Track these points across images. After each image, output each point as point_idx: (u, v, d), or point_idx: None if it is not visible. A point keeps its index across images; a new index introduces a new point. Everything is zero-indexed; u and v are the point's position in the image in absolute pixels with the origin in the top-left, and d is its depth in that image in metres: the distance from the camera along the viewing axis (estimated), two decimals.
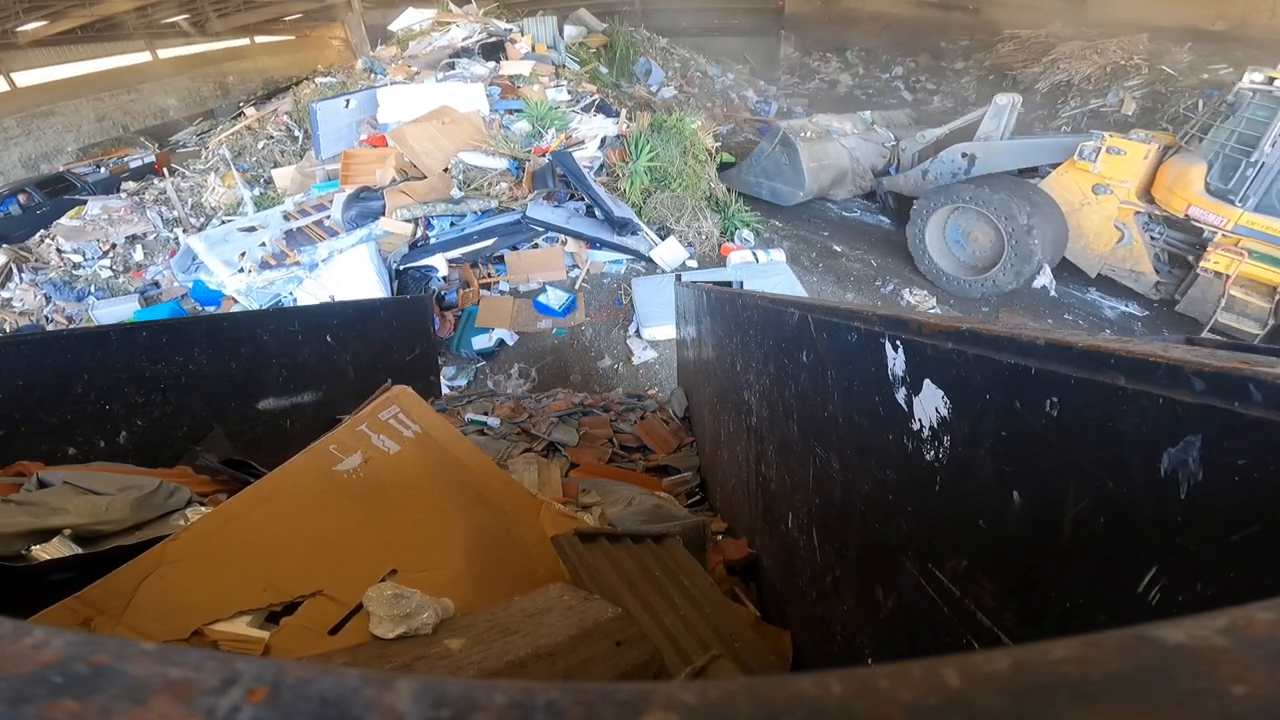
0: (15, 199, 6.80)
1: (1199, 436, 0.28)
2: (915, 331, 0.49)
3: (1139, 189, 4.00)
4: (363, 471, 0.91)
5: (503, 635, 0.64)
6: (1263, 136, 3.28)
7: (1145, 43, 7.58)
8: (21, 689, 0.12)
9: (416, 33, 7.98)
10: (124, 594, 0.71)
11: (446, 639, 0.63)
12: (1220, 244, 3.56)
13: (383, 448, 0.95)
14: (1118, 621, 0.25)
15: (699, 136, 5.41)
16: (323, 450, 0.90)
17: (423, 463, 0.98)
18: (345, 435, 0.94)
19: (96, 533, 0.88)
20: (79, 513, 0.88)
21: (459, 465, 1.02)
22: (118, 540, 0.88)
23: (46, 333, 2.55)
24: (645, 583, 0.87)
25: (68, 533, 0.85)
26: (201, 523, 0.83)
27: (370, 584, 0.78)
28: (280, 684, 0.12)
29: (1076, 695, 0.11)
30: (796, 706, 0.12)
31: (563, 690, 0.12)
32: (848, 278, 5.04)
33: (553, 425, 2.28)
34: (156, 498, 0.96)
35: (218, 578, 0.77)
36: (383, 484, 0.93)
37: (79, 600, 0.70)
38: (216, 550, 0.78)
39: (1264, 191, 3.37)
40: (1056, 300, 4.62)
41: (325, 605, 0.78)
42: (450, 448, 1.02)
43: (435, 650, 0.61)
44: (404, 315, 2.62)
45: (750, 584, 1.07)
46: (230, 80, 13.89)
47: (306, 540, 0.83)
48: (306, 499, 0.86)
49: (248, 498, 0.85)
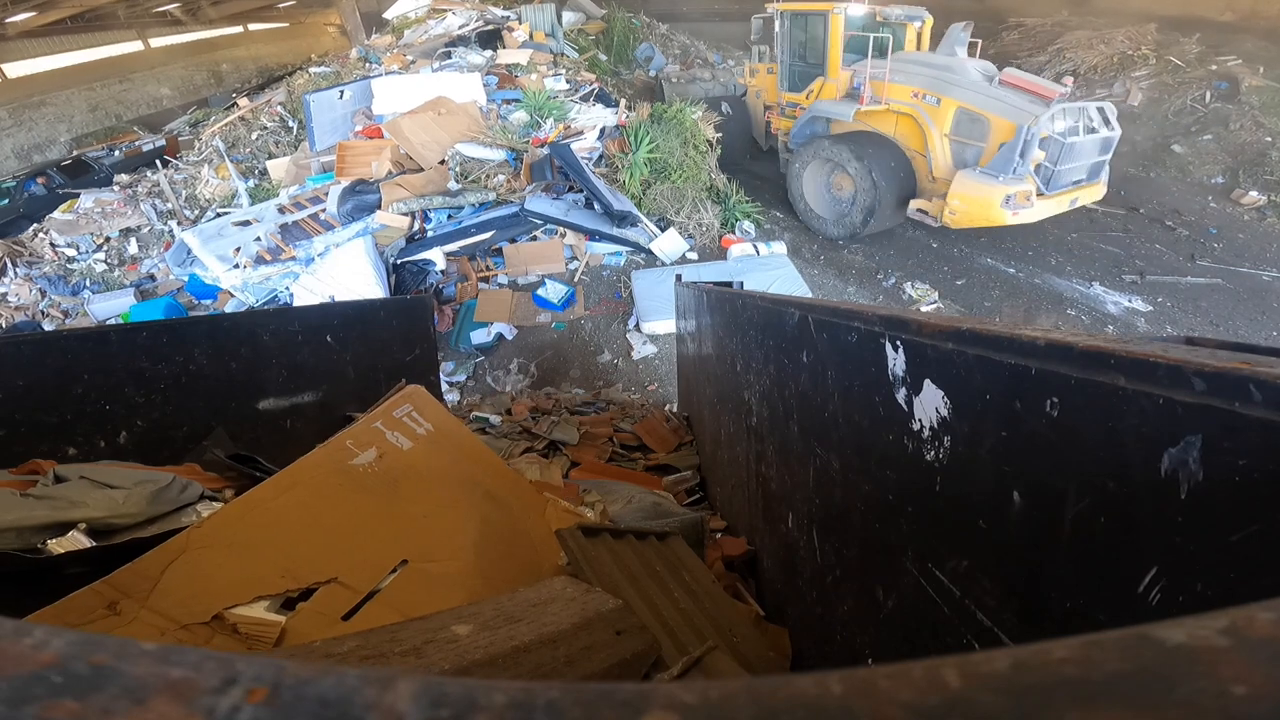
0: (35, 181, 7.07)
1: (1199, 436, 0.28)
2: (915, 331, 0.48)
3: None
4: (377, 466, 0.95)
5: (508, 623, 0.65)
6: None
7: (1153, 33, 7.48)
8: (21, 689, 0.12)
9: (412, 20, 7.84)
10: (150, 578, 0.73)
11: (455, 625, 0.64)
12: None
13: (396, 444, 0.98)
14: (1118, 621, 0.25)
15: (699, 127, 5.35)
16: (339, 445, 0.94)
17: (434, 459, 1.01)
18: (361, 431, 0.97)
19: (112, 526, 0.90)
20: (97, 506, 0.90)
21: (469, 462, 1.06)
22: (134, 533, 0.89)
23: (47, 333, 2.55)
24: (646, 577, 0.89)
25: (83, 527, 0.87)
26: (224, 511, 0.86)
27: (383, 573, 0.83)
28: (280, 684, 0.12)
29: (1077, 695, 0.11)
30: (796, 707, 0.12)
31: (563, 690, 0.12)
32: (849, 271, 5.02)
33: (553, 424, 2.29)
34: (170, 492, 0.98)
35: (239, 564, 0.79)
36: (396, 478, 0.96)
37: (106, 584, 0.72)
38: (238, 537, 0.81)
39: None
40: (1059, 295, 4.62)
41: (339, 592, 0.81)
42: (461, 445, 1.07)
43: (444, 635, 0.63)
44: (404, 315, 2.61)
45: (750, 580, 1.08)
46: (224, 68, 13.69)
47: (323, 530, 0.86)
48: (323, 491, 0.89)
49: (268, 488, 0.88)
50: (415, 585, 0.85)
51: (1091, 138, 4.15)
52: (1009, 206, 4.02)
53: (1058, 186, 4.13)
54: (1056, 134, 3.96)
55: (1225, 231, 5.42)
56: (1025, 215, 4.10)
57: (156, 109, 12.09)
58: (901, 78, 4.52)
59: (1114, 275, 4.80)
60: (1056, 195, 4.17)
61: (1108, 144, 4.34)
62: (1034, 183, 4.04)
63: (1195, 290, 4.62)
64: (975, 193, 4.14)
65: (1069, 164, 4.05)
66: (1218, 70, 6.82)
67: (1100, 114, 4.27)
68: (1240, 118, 6.42)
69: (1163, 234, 5.40)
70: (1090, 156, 4.26)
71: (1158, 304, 4.49)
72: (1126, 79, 7.18)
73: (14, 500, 0.88)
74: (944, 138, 4.36)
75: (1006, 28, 9.00)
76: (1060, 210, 4.33)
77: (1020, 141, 3.91)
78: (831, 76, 4.97)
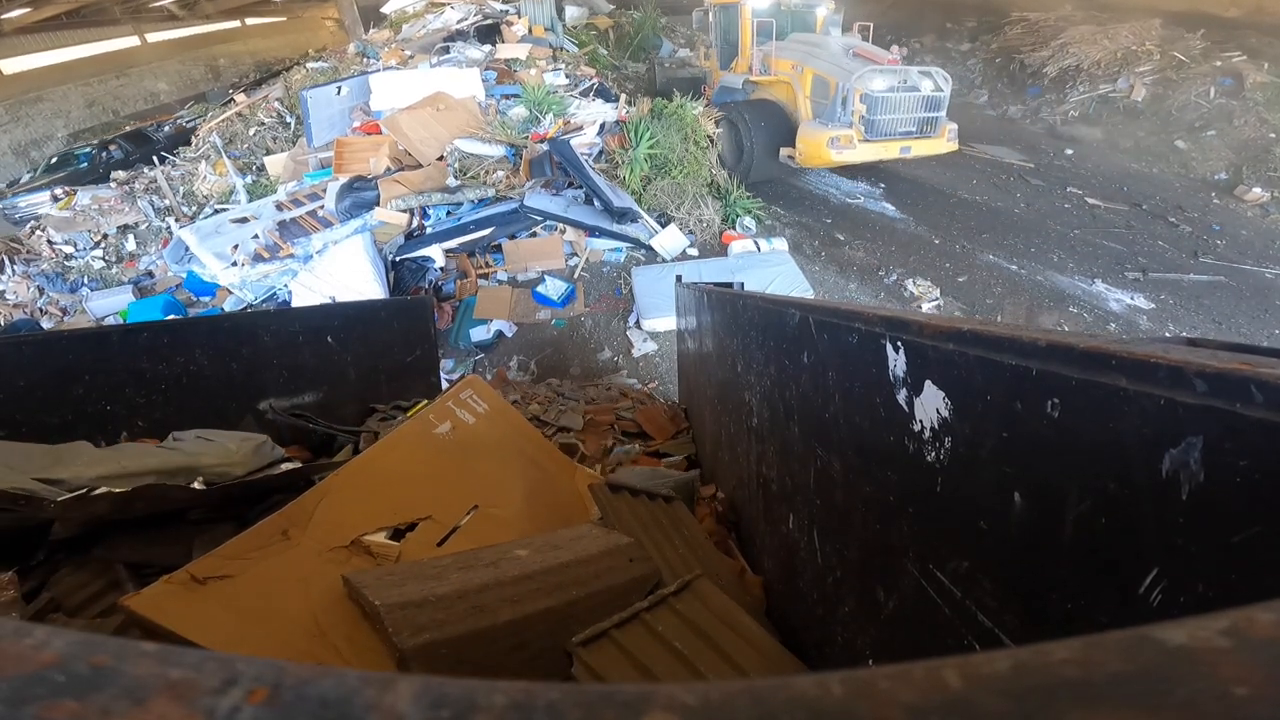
0: (108, 148, 8.27)
1: (1200, 438, 0.28)
2: (916, 332, 0.48)
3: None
4: (451, 435, 1.25)
5: (553, 550, 0.90)
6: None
7: (1157, 28, 7.41)
8: (22, 689, 0.12)
9: (410, 15, 7.78)
10: (308, 512, 0.97)
11: (517, 550, 0.88)
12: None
13: (463, 419, 1.29)
14: (1119, 623, 0.26)
15: (700, 123, 5.33)
16: (425, 418, 1.25)
17: (491, 431, 1.31)
18: (438, 409, 1.28)
19: (223, 475, 1.10)
20: (213, 455, 1.13)
21: (517, 435, 1.37)
22: (243, 480, 1.08)
23: (47, 333, 2.55)
24: (654, 527, 1.11)
25: (199, 481, 1.06)
26: (351, 465, 1.10)
27: (461, 514, 1.09)
28: (280, 685, 0.12)
29: (1078, 696, 0.11)
30: (797, 707, 0.12)
31: (563, 691, 0.12)
32: (850, 267, 5.01)
33: (560, 411, 2.32)
34: (265, 448, 1.22)
35: (363, 504, 1.02)
36: (465, 444, 1.25)
37: (281, 516, 0.93)
38: (361, 484, 1.06)
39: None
40: (1061, 292, 4.61)
41: (433, 526, 1.06)
42: (510, 421, 1.38)
43: (510, 555, 0.86)
44: (405, 316, 2.60)
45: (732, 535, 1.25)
46: (221, 63, 13.59)
47: (418, 480, 1.12)
48: (417, 451, 1.18)
49: (379, 449, 1.15)
50: (484, 524, 1.10)
51: (911, 95, 4.99)
52: (834, 147, 4.98)
53: (880, 134, 5.04)
54: (873, 91, 4.87)
55: (1228, 228, 5.40)
56: (849, 155, 5.04)
57: (153, 104, 12.03)
58: (786, 54, 5.62)
59: (1116, 272, 4.79)
60: (882, 141, 5.07)
61: (934, 102, 5.11)
62: (859, 131, 4.99)
63: (1198, 288, 4.61)
64: (810, 137, 5.14)
65: (888, 115, 4.97)
66: (1222, 66, 6.76)
67: (928, 77, 5.08)
68: (1244, 114, 6.37)
69: (1166, 231, 5.38)
70: (913, 111, 5.08)
71: (1160, 301, 4.48)
72: (1130, 74, 7.12)
73: (154, 450, 1.14)
74: (805, 99, 5.42)
75: (1009, 22, 8.91)
76: (889, 155, 5.19)
77: (839, 96, 4.97)
78: (744, 55, 6.09)
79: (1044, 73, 7.80)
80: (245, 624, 0.77)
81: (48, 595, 0.88)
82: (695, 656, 0.75)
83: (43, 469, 0.96)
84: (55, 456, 1.01)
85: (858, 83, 4.84)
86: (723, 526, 1.26)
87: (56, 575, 0.92)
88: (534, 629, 0.76)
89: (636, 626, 0.78)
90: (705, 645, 0.77)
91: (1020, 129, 7.71)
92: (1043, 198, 6.00)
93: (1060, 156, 6.86)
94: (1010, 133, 7.58)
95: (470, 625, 0.73)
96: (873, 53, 5.19)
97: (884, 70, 4.92)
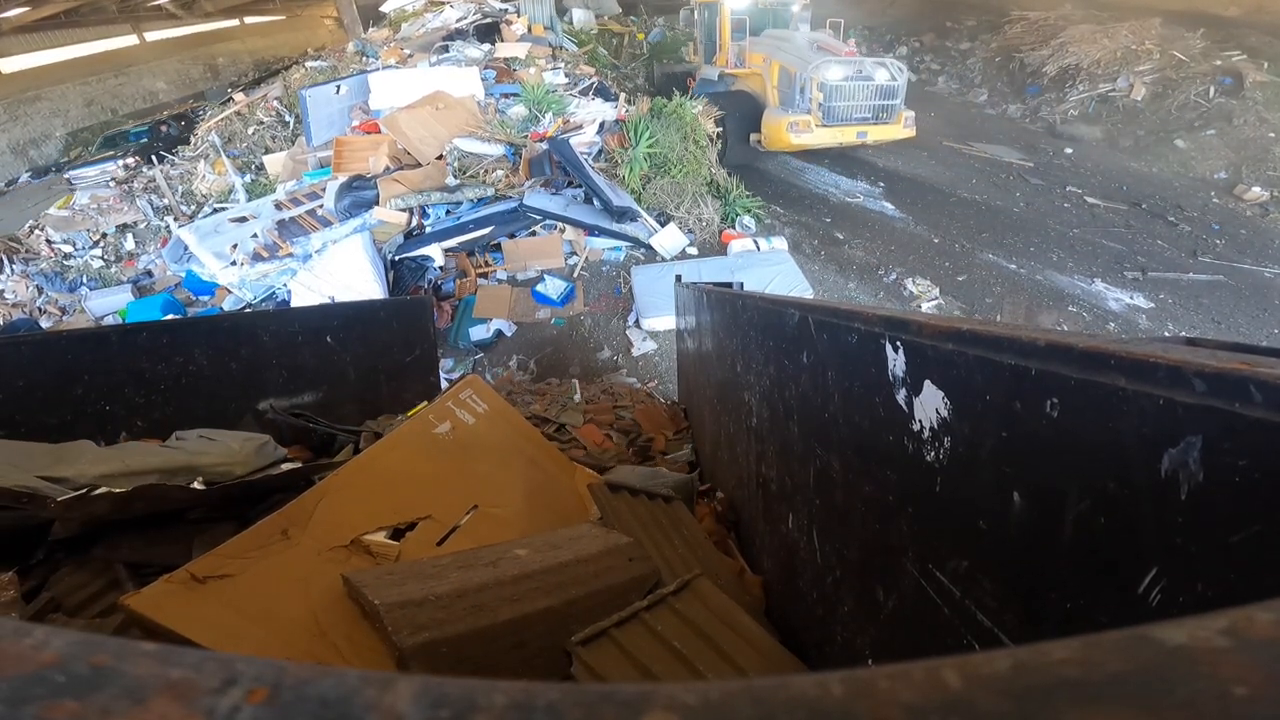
0: (158, 126, 9.16)
1: (1199, 437, 0.28)
2: (915, 332, 0.48)
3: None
4: (451, 435, 1.24)
5: (553, 549, 0.90)
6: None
7: (1157, 27, 7.40)
8: (21, 689, 0.12)
9: (409, 14, 7.76)
10: (308, 512, 0.96)
11: (516, 549, 0.88)
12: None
13: (463, 419, 1.28)
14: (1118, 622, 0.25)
15: (699, 122, 5.33)
16: (424, 418, 1.24)
17: (491, 431, 1.30)
18: (437, 409, 1.27)
19: (225, 474, 1.10)
20: (216, 455, 1.13)
21: (517, 435, 1.36)
22: (244, 479, 1.08)
23: (47, 333, 2.54)
24: (653, 527, 1.12)
25: (200, 481, 1.06)
26: (352, 463, 1.10)
27: (461, 514, 1.08)
28: (280, 684, 0.12)
29: (1077, 696, 0.11)
30: (797, 708, 0.12)
31: (563, 691, 0.12)
32: (850, 266, 5.01)
33: (561, 409, 2.32)
34: (268, 448, 1.22)
35: (363, 503, 1.02)
36: (465, 444, 1.24)
37: (281, 515, 0.93)
38: (361, 484, 1.06)
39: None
40: (1060, 292, 4.61)
41: (432, 526, 1.05)
42: (510, 421, 1.37)
43: (510, 555, 0.86)
44: (404, 316, 2.60)
45: (731, 535, 1.26)
46: (220, 61, 13.57)
47: (417, 480, 1.11)
48: (417, 451, 1.17)
49: (379, 449, 1.15)
50: (484, 524, 1.10)
51: (866, 84, 5.35)
52: (792, 131, 5.40)
53: (837, 119, 5.43)
54: (829, 80, 5.25)
55: (1228, 228, 5.40)
56: (807, 139, 5.45)
57: (152, 103, 12.01)
58: (759, 48, 6.08)
59: (1116, 271, 4.79)
60: (838, 126, 5.46)
61: (888, 91, 5.43)
62: (816, 116, 5.40)
63: (1197, 287, 4.61)
64: (772, 122, 5.60)
65: (843, 102, 5.36)
66: (1222, 65, 6.76)
67: (882, 68, 5.43)
68: (1244, 113, 6.37)
69: (1165, 230, 5.38)
70: (868, 99, 5.43)
71: (1159, 301, 4.48)
72: (1130, 73, 7.12)
73: (157, 449, 1.14)
74: (773, 88, 5.86)
75: (1009, 20, 8.91)
76: (846, 140, 5.56)
77: (797, 84, 5.41)
78: (722, 50, 6.56)
79: (1043, 72, 7.80)
80: (245, 623, 0.77)
81: (48, 595, 0.88)
82: (695, 656, 0.75)
83: (46, 467, 0.96)
84: (58, 455, 1.01)
85: (814, 72, 5.22)
86: (722, 526, 1.26)
87: (56, 575, 0.92)
88: (533, 628, 0.76)
89: (636, 626, 0.78)
90: (705, 645, 0.77)
91: (1020, 128, 7.70)
92: (1042, 197, 6.01)
93: (1060, 155, 6.86)
94: (1010, 132, 7.58)
95: (470, 624, 0.73)
96: (832, 45, 5.65)
97: (840, 60, 5.31)
